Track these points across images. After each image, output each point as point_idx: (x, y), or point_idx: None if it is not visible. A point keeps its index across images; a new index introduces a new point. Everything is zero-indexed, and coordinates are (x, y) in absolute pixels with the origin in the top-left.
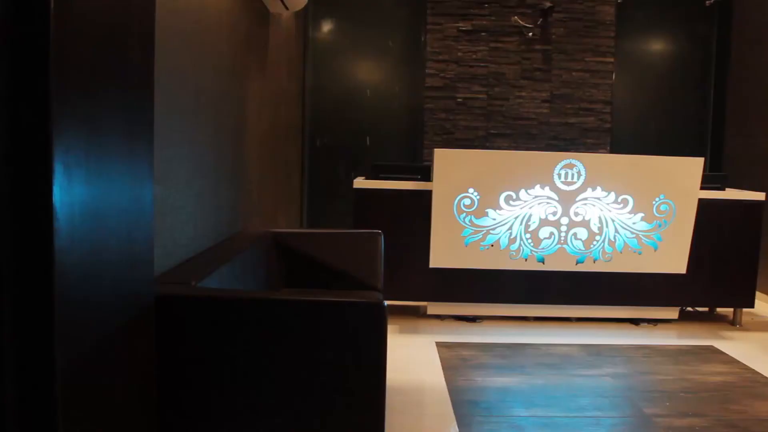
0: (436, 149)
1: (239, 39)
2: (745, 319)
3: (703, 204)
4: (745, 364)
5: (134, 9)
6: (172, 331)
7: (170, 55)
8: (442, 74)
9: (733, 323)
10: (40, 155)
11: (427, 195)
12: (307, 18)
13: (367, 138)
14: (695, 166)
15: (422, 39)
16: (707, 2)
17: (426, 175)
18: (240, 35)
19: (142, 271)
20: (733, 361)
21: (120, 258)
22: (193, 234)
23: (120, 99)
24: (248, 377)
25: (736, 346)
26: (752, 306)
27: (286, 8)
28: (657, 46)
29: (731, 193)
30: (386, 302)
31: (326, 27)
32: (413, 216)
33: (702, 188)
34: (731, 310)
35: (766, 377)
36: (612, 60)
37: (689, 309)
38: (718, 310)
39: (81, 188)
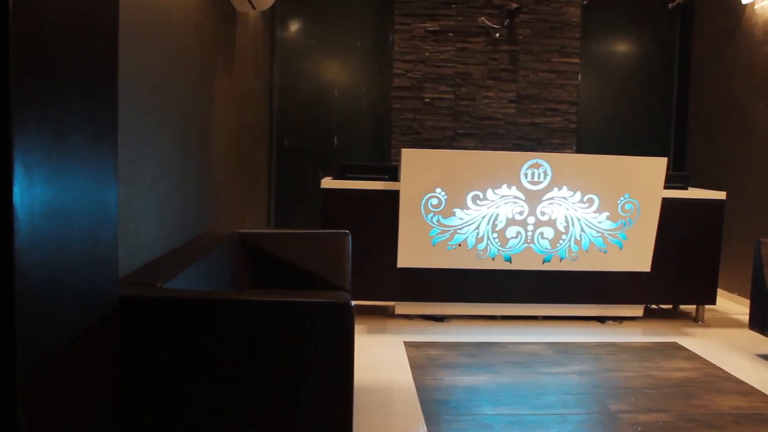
0: (403, 149)
1: (206, 38)
2: (707, 316)
3: (666, 203)
4: (707, 360)
5: (98, 7)
6: (137, 332)
7: (135, 54)
8: (409, 74)
9: (696, 320)
10: (0, 155)
11: (394, 195)
12: (274, 17)
13: (335, 138)
14: (659, 165)
15: (390, 39)
16: (670, 5)
17: (393, 175)
18: (206, 34)
19: (106, 272)
20: (695, 357)
21: (84, 259)
22: (159, 235)
23: (84, 99)
24: (215, 379)
25: (699, 342)
26: (714, 303)
27: (253, 7)
28: (622, 47)
29: (694, 193)
30: (353, 302)
31: (294, 27)
32: (381, 216)
33: (666, 188)
34: (694, 307)
35: (726, 372)
36: (578, 61)
37: (653, 307)
38: (682, 307)
39: (43, 189)
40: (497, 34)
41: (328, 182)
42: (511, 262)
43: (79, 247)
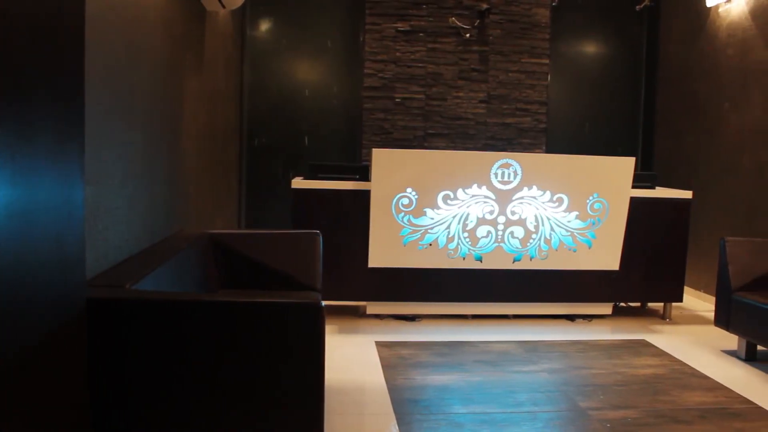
0: (374, 149)
1: (175, 36)
2: (674, 313)
3: (634, 202)
4: (674, 356)
5: (63, 4)
6: (105, 335)
7: (102, 52)
8: (380, 74)
9: (663, 317)
10: None
11: (365, 195)
12: (244, 16)
13: (306, 138)
14: (627, 165)
15: (360, 39)
16: (637, 7)
17: (364, 175)
18: (175, 32)
19: (73, 274)
20: (663, 354)
21: (49, 260)
22: (128, 235)
23: (49, 97)
24: (185, 381)
25: (666, 339)
26: (681, 300)
27: (223, 6)
28: (590, 48)
29: (661, 192)
30: (324, 302)
31: (264, 26)
32: (352, 216)
33: (633, 187)
34: (661, 304)
35: (693, 369)
36: (547, 61)
37: (622, 304)
38: (649, 305)
39: (6, 189)
40: (468, 35)
41: (298, 182)
42: (481, 262)
43: (44, 249)
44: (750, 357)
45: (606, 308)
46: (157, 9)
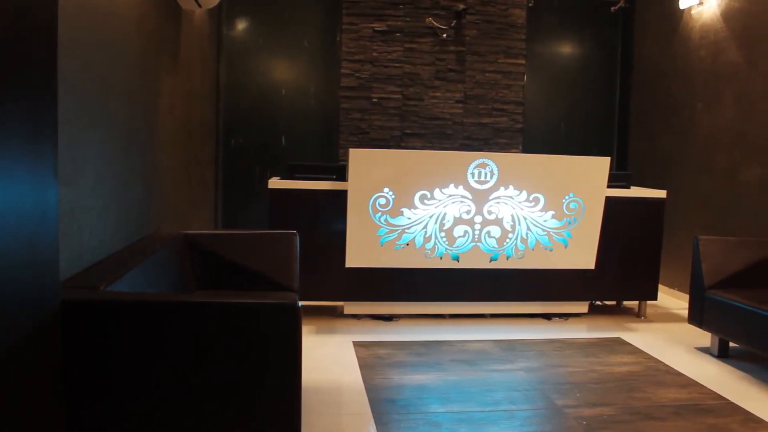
0: (351, 149)
1: (150, 35)
2: (649, 311)
3: (609, 202)
4: (648, 354)
5: (36, 2)
6: (79, 337)
7: (76, 51)
8: (357, 74)
9: (638, 315)
10: None
11: (342, 195)
12: (221, 16)
13: (283, 138)
14: (602, 165)
15: (337, 39)
16: (613, 8)
17: (341, 174)
18: (150, 31)
19: (46, 276)
20: (637, 352)
21: (22, 262)
22: (103, 236)
23: (21, 97)
24: (161, 383)
25: (641, 337)
26: (655, 299)
27: (199, 5)
28: (566, 49)
29: (636, 191)
30: (302, 303)
31: (241, 25)
32: (329, 216)
33: (608, 187)
34: (636, 302)
35: (667, 366)
36: (523, 62)
37: (598, 303)
38: (625, 303)
39: None
40: (444, 35)
41: (275, 182)
42: (458, 261)
43: (16, 250)
44: (722, 354)
45: (582, 307)
46: (132, 7)
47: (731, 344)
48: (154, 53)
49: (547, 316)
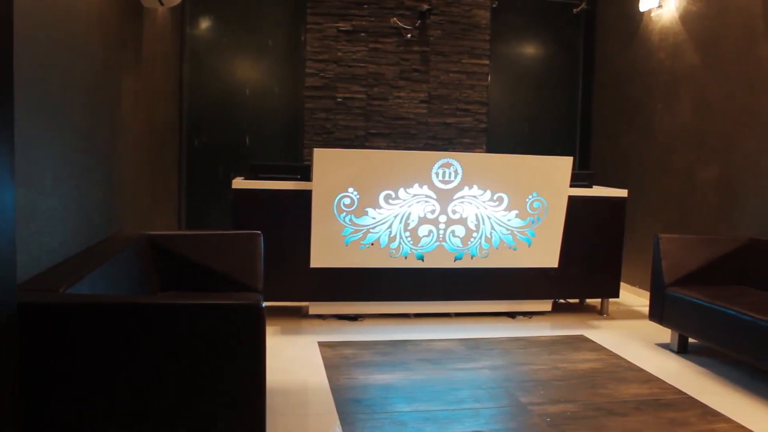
0: (315, 149)
1: (111, 33)
2: (611, 308)
3: (572, 201)
4: (610, 351)
5: None
6: (37, 340)
7: (33, 49)
8: (321, 74)
9: (601, 313)
10: None
11: (307, 195)
12: (184, 14)
13: (247, 137)
14: (565, 164)
15: (302, 39)
16: (575, 10)
17: (306, 174)
18: (112, 29)
19: (2, 278)
20: (600, 349)
21: None
22: (63, 238)
23: None
24: (123, 386)
25: (603, 334)
26: (617, 296)
27: (161, 4)
28: (530, 49)
29: (598, 191)
30: (266, 303)
31: (204, 24)
32: (293, 216)
33: (571, 186)
34: (599, 300)
35: (629, 362)
36: (487, 62)
37: (561, 301)
38: (588, 301)
39: None
40: (409, 35)
41: (239, 182)
42: (423, 261)
43: None
44: (682, 349)
45: (546, 305)
46: (92, 4)
47: (690, 340)
48: (115, 52)
49: (512, 315)
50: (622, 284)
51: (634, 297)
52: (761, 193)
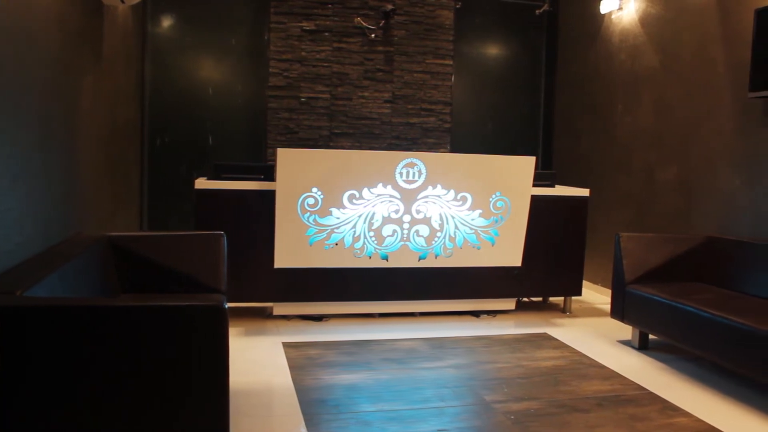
0: (279, 149)
1: (70, 31)
2: (574, 306)
3: (535, 200)
4: (573, 348)
5: None
6: None
7: None
8: (285, 73)
9: (564, 311)
10: None
11: (270, 195)
12: (145, 12)
13: (210, 137)
14: (528, 164)
15: (265, 38)
16: (537, 11)
17: (269, 174)
18: (71, 27)
19: None
20: (563, 346)
21: None
22: (20, 239)
23: None
24: (82, 388)
25: (566, 331)
26: (580, 294)
27: (122, 1)
28: (493, 50)
29: (560, 190)
30: (230, 305)
31: (166, 23)
32: (257, 216)
33: (534, 185)
34: (562, 298)
35: (591, 359)
36: (451, 63)
37: (525, 299)
38: (551, 299)
39: None
40: (373, 35)
41: (201, 182)
42: (387, 260)
43: None
44: (642, 346)
45: (509, 303)
46: (50, 2)
47: (651, 336)
48: (75, 50)
49: (476, 314)
50: (585, 282)
51: (596, 295)
52: (717, 193)
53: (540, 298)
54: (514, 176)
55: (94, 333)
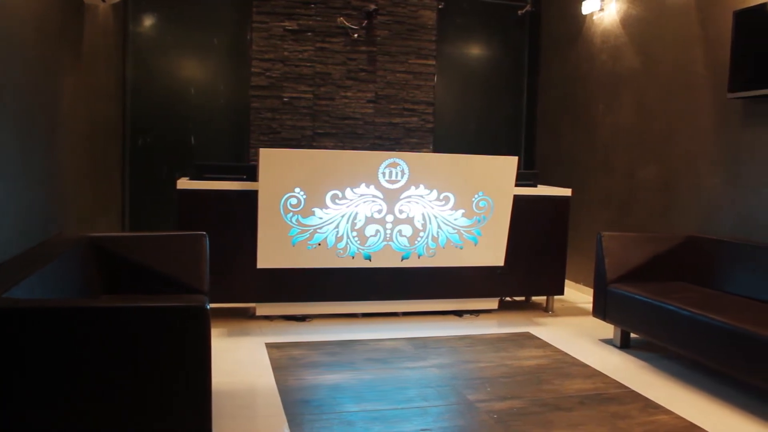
0: (261, 149)
1: (50, 30)
2: (556, 305)
3: (517, 200)
4: (556, 347)
5: None
6: None
7: None
8: (267, 73)
9: (546, 310)
10: None
11: (253, 195)
12: (126, 11)
13: (192, 137)
14: (510, 164)
15: (248, 37)
16: (519, 12)
17: (252, 174)
18: (51, 26)
19: None
20: (545, 345)
21: None
22: None
23: None
24: (64, 390)
25: (549, 330)
26: (562, 293)
27: (102, 0)
28: (475, 50)
29: (542, 190)
30: (212, 305)
31: (148, 22)
32: (239, 217)
33: (517, 185)
34: (544, 298)
35: (573, 358)
36: (434, 63)
37: (508, 299)
38: (533, 298)
39: None
40: (356, 35)
41: (184, 182)
42: (370, 260)
43: None
44: (624, 345)
45: (492, 303)
46: (29, 0)
47: (632, 335)
48: (55, 49)
49: (459, 313)
50: (567, 281)
51: (578, 294)
52: (698, 192)
53: (523, 298)
54: (497, 176)
55: (74, 334)
